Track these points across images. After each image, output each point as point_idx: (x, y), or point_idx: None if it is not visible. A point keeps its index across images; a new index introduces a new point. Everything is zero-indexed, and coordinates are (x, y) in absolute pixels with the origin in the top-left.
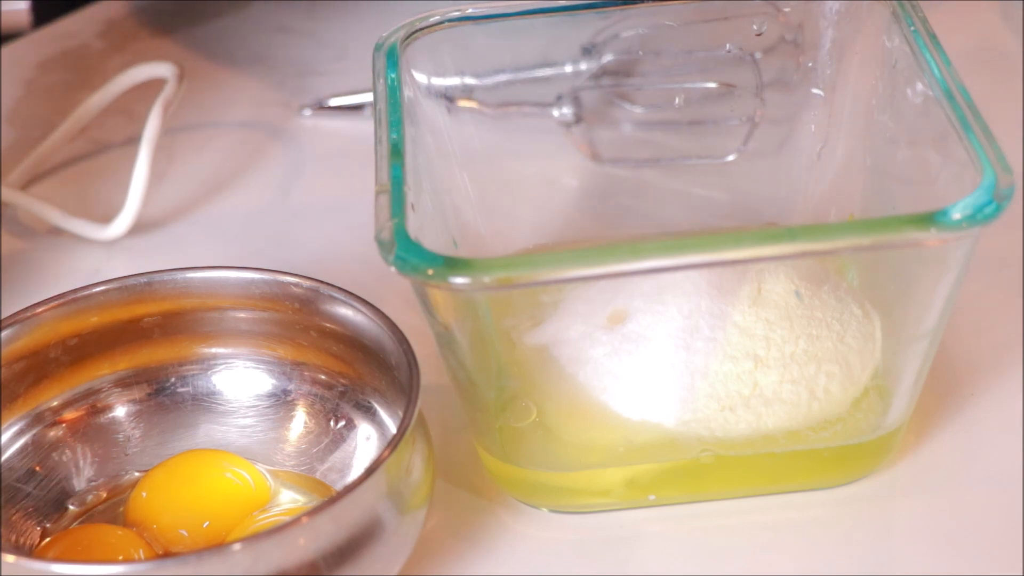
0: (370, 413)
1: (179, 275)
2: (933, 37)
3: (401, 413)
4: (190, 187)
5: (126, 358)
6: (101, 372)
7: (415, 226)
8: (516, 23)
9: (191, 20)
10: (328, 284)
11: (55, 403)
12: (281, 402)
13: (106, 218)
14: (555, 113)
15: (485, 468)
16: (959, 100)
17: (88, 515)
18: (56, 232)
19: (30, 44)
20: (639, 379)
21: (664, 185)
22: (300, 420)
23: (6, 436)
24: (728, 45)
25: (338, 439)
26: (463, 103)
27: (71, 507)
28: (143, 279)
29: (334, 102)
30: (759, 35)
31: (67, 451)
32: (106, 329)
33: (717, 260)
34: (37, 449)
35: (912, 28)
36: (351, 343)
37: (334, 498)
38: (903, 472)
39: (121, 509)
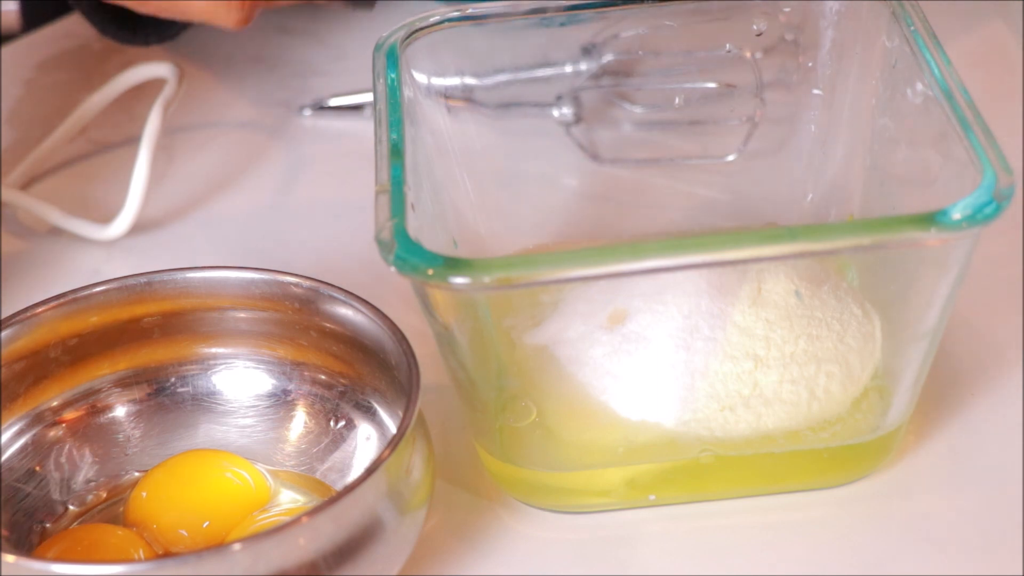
0: (370, 413)
1: (179, 275)
2: (933, 37)
3: (401, 413)
4: (190, 187)
5: (126, 358)
6: (101, 372)
7: (415, 226)
8: (516, 23)
9: None
10: (328, 284)
11: (55, 403)
12: (281, 402)
13: (106, 218)
14: (555, 113)
15: (485, 468)
16: (959, 100)
17: (88, 515)
18: (56, 232)
19: (30, 44)
20: (639, 379)
21: (664, 185)
22: (300, 420)
23: (6, 436)
24: (728, 45)
25: (338, 439)
26: (463, 103)
27: (71, 507)
28: (143, 279)
29: (334, 102)
30: (759, 35)
31: (67, 451)
32: (106, 329)
33: (717, 260)
34: (37, 449)
35: (912, 28)
36: (351, 343)
37: (334, 498)
38: (903, 472)
39: (121, 509)
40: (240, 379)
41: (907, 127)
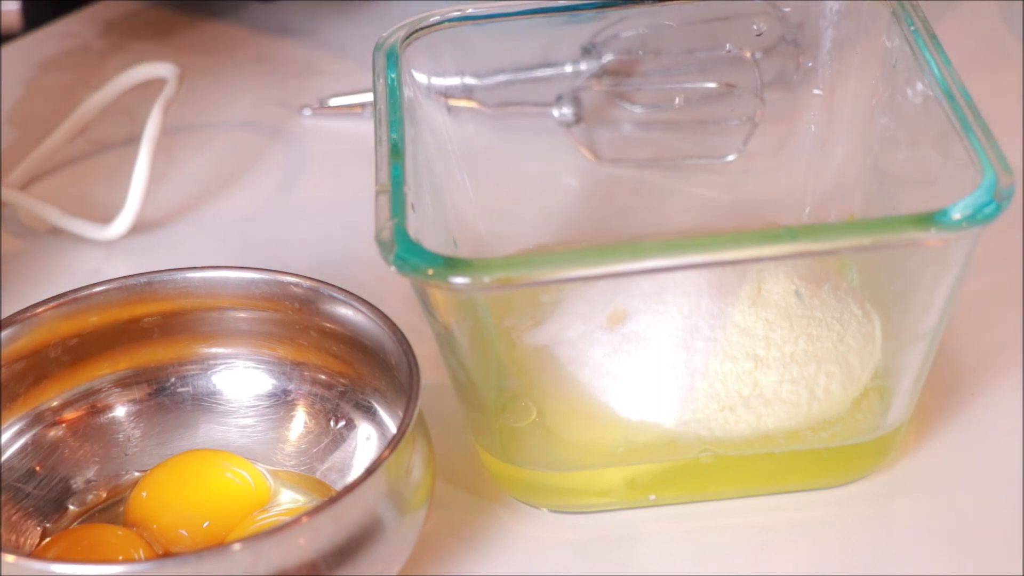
0: (370, 413)
1: (179, 275)
2: (933, 37)
3: (401, 413)
4: (190, 187)
5: (126, 358)
6: (101, 372)
7: (415, 226)
8: (516, 23)
9: (191, 20)
10: (328, 284)
11: (55, 403)
12: (281, 402)
13: (106, 218)
14: (555, 113)
15: (485, 468)
16: (959, 100)
17: (88, 515)
18: (56, 232)
19: (30, 44)
20: (639, 379)
21: (664, 185)
22: (300, 420)
23: (6, 436)
24: (728, 45)
25: (338, 439)
26: (463, 103)
27: (71, 507)
28: (143, 279)
29: (334, 102)
30: (759, 35)
31: (67, 451)
32: (106, 329)
33: (717, 260)
34: (37, 449)
35: (912, 28)
36: (351, 343)
37: (334, 498)
38: (903, 472)
39: (121, 509)
40: (240, 379)
41: (907, 127)
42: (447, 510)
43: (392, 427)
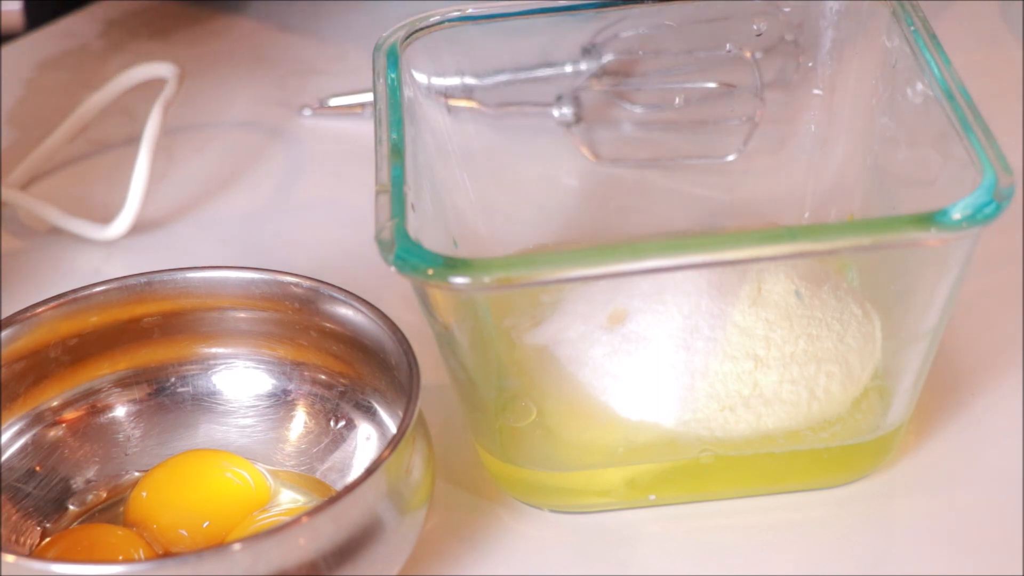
0: (370, 413)
1: (179, 275)
2: (933, 37)
3: (401, 413)
4: (190, 187)
5: (126, 358)
6: (101, 372)
7: (415, 226)
8: (516, 23)
9: (191, 20)
10: (328, 284)
11: (55, 403)
12: (281, 402)
13: (106, 218)
14: (555, 113)
15: (485, 468)
16: (959, 100)
17: (88, 515)
18: (56, 232)
19: (30, 44)
20: (639, 379)
21: (664, 185)
22: (300, 420)
23: (6, 436)
24: (728, 45)
25: (338, 439)
26: (463, 103)
27: (71, 507)
28: (143, 279)
29: (334, 102)
30: (759, 35)
31: (67, 451)
32: (106, 329)
33: (717, 260)
34: (37, 449)
35: (912, 28)
36: (351, 343)
37: (334, 498)
38: (903, 472)
39: (121, 509)
40: (240, 379)
41: (907, 127)
42: (447, 510)
43: (392, 427)
